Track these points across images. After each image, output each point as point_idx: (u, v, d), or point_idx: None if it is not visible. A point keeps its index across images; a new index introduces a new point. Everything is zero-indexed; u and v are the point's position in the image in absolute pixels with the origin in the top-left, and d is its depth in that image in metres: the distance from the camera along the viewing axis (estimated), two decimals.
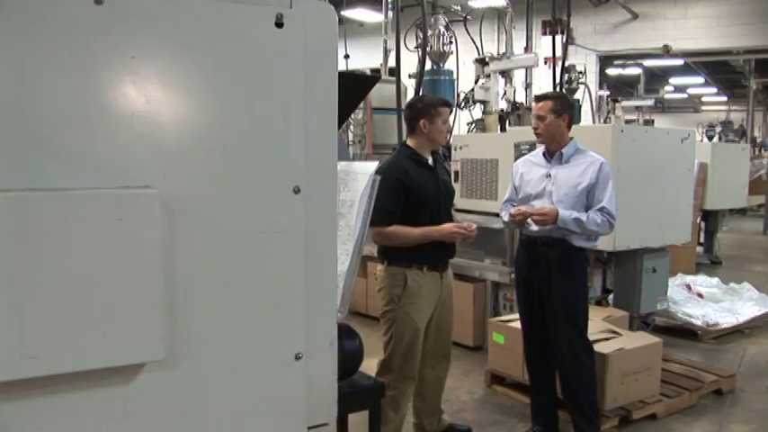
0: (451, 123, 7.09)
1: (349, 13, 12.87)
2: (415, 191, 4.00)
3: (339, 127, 3.70)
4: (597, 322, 5.15)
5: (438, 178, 4.18)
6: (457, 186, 6.80)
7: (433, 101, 4.22)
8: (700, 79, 21.48)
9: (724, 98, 26.31)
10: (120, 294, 1.24)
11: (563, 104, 4.28)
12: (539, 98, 4.43)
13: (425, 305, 4.09)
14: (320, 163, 1.45)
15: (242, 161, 1.36)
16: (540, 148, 4.40)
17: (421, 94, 7.06)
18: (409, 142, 4.21)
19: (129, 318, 1.24)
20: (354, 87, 3.71)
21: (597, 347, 4.54)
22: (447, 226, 4.05)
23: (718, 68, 20.14)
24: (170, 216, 1.29)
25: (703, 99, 27.73)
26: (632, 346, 4.92)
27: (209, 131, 1.34)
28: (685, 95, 26.04)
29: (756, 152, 20.13)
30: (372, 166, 1.87)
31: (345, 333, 3.07)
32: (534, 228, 4.22)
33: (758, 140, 24.09)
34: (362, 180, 1.83)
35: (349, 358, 3.03)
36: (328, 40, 1.46)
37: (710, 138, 20.40)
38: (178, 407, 1.36)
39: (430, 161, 4.18)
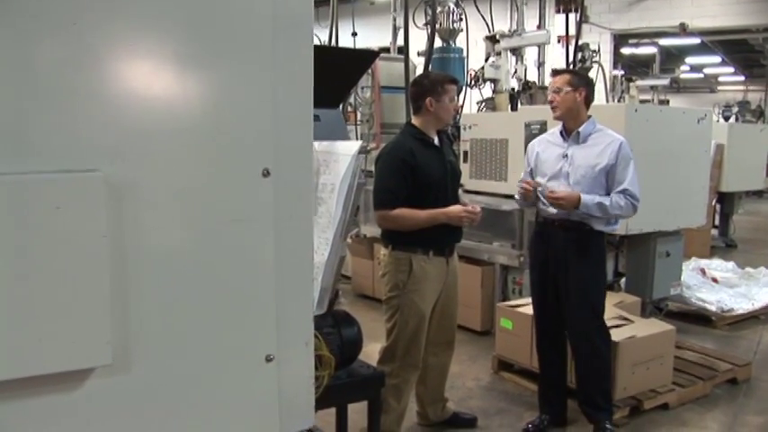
0: (461, 102, 6.94)
1: None
2: (420, 172, 3.85)
3: (338, 104, 3.55)
4: (609, 308, 4.96)
5: (444, 159, 4.03)
6: (466, 167, 6.66)
7: (439, 78, 4.06)
8: (716, 58, 21.12)
9: (741, 78, 25.91)
10: (60, 294, 1.09)
11: (579, 78, 4.17)
12: (555, 72, 4.37)
13: (431, 291, 3.96)
14: (293, 142, 1.29)
15: (203, 141, 1.21)
16: (557, 127, 4.24)
17: (427, 71, 6.88)
18: (414, 121, 4.05)
19: (70, 319, 1.10)
20: (354, 63, 3.58)
21: None
22: (455, 208, 3.90)
23: (736, 47, 19.79)
24: (119, 203, 1.14)
25: (720, 79, 27.32)
26: (644, 333, 4.76)
27: (166, 107, 1.18)
28: (701, 75, 25.65)
29: None
30: (355, 146, 1.68)
31: (343, 320, 2.96)
32: (552, 210, 4.08)
33: None
34: (344, 162, 1.64)
35: (347, 346, 2.92)
36: (302, 6, 1.30)
37: (727, 118, 20.07)
38: (134, 413, 1.22)
39: (436, 141, 4.03)
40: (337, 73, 2.69)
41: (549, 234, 4.20)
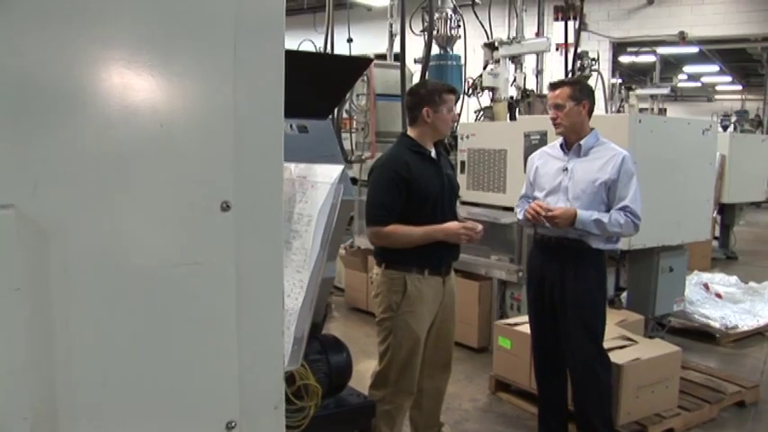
0: (458, 111, 6.75)
1: None
2: (416, 186, 3.65)
3: (329, 114, 3.29)
4: (611, 327, 4.77)
5: (442, 172, 3.82)
6: (463, 178, 6.49)
7: (437, 87, 3.86)
8: (714, 67, 21.02)
9: (738, 87, 25.80)
10: None
11: (582, 90, 3.93)
12: (554, 85, 4.06)
13: (426, 313, 3.74)
14: (258, 169, 1.07)
15: (148, 168, 1.00)
16: (558, 140, 4.04)
17: (424, 79, 6.70)
18: (410, 132, 3.85)
19: None
20: (346, 71, 3.37)
21: (611, 357, 4.18)
22: (452, 225, 3.69)
23: (734, 56, 19.68)
24: (41, 245, 0.93)
25: (717, 88, 27.21)
26: (649, 355, 4.55)
27: (102, 126, 0.97)
28: (699, 84, 25.53)
29: None
30: (336, 171, 1.42)
31: (331, 345, 2.76)
32: (549, 226, 3.87)
33: None
34: (323, 189, 1.39)
35: (336, 374, 2.73)
36: (272, 9, 1.09)
37: (725, 128, 19.90)
38: None
39: (433, 153, 3.82)
40: (328, 81, 2.49)
41: (547, 251, 4.01)
